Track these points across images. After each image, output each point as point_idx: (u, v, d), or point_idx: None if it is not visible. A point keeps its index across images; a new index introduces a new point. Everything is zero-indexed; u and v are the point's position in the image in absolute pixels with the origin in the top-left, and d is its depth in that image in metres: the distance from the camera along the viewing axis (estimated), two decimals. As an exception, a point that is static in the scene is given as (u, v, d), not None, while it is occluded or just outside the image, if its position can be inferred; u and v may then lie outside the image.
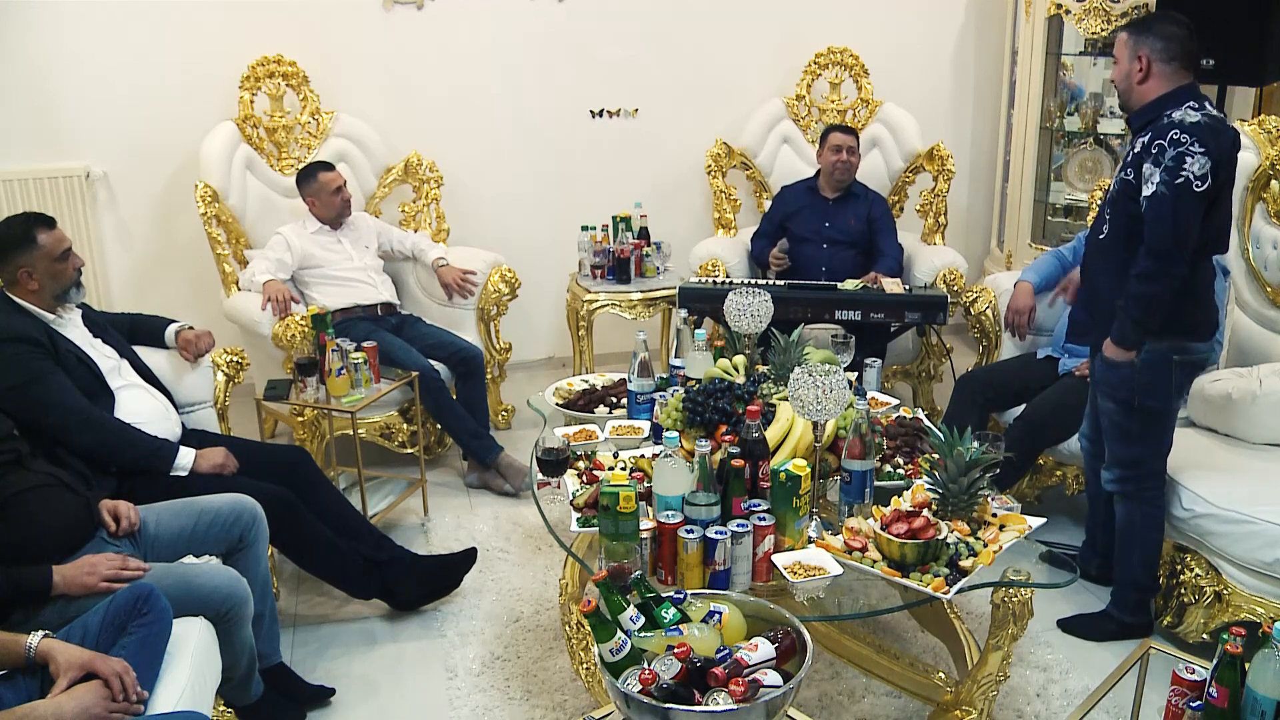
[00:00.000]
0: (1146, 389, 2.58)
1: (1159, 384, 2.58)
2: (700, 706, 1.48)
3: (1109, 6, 4.19)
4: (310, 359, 3.12)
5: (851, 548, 2.06)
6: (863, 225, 4.05)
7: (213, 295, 3.96)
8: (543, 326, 4.77)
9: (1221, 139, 2.42)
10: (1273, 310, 3.13)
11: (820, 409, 2.09)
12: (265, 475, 2.68)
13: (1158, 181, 2.39)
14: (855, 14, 4.67)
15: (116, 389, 2.62)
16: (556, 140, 4.58)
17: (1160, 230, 2.40)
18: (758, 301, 2.71)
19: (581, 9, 4.43)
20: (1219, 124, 2.44)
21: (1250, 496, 2.52)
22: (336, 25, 4.22)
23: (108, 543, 2.24)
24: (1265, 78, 3.69)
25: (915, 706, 2.47)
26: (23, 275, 2.51)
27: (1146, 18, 2.58)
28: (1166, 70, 2.48)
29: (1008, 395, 3.28)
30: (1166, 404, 2.62)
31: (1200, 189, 2.37)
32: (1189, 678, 1.71)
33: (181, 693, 1.92)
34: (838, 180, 4.03)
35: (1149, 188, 2.41)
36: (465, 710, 2.53)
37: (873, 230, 4.06)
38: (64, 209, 4.02)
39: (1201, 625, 2.63)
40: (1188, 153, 2.36)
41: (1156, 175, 2.39)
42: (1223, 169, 2.42)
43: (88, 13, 3.95)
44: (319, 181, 3.74)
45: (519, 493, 3.60)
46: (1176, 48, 2.48)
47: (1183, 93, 2.48)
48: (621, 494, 1.98)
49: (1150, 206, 2.41)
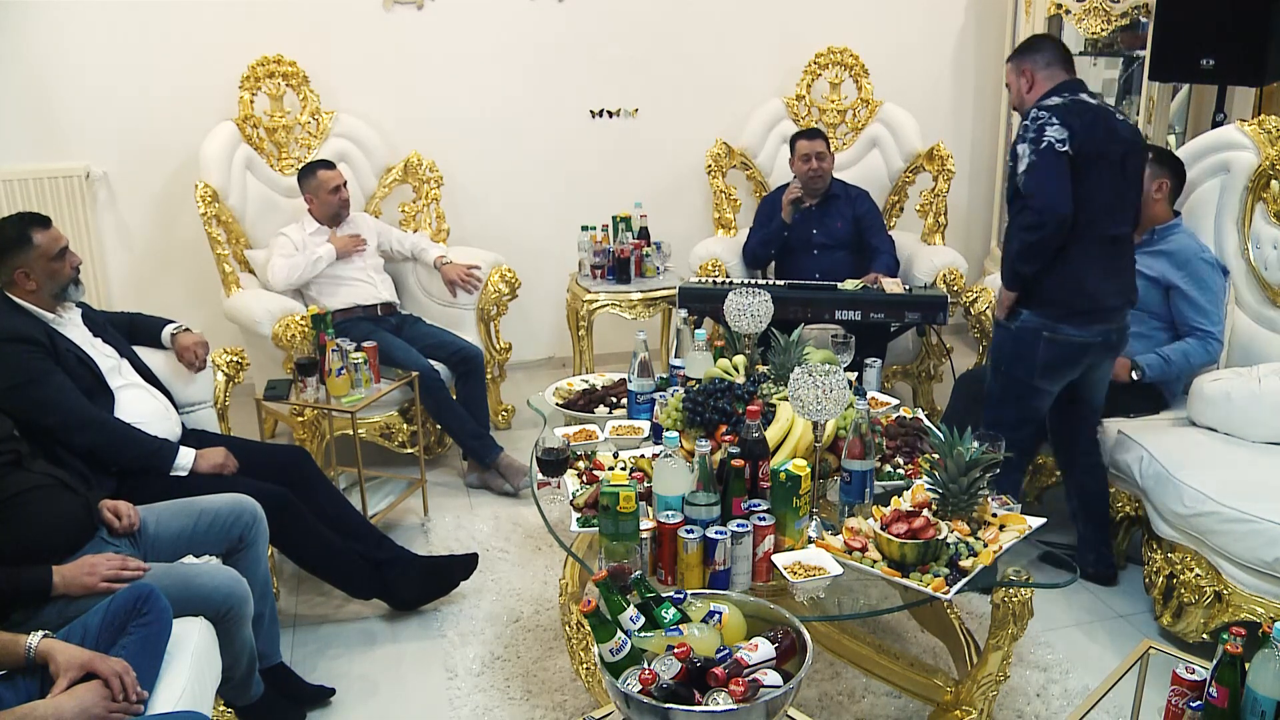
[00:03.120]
0: (1012, 357, 2.83)
1: (1024, 355, 2.80)
2: (700, 706, 1.48)
3: (1109, 6, 4.19)
4: (310, 359, 3.12)
5: (851, 548, 2.06)
6: (849, 225, 4.04)
7: (213, 295, 3.96)
8: (543, 326, 4.77)
9: (1081, 117, 2.66)
10: (1273, 310, 3.13)
11: (820, 409, 2.09)
12: (265, 475, 2.68)
13: (1028, 155, 2.65)
14: (855, 14, 4.67)
15: (116, 389, 2.61)
16: (556, 140, 4.58)
17: (1037, 189, 2.65)
18: (758, 301, 2.71)
19: (581, 9, 4.43)
20: (1082, 106, 2.69)
21: (1250, 495, 2.52)
22: (336, 25, 4.22)
23: (108, 543, 2.24)
24: (1265, 78, 3.69)
25: (915, 706, 2.47)
26: (19, 276, 2.51)
27: (1022, 43, 2.90)
28: (1046, 74, 2.78)
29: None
30: (1029, 378, 2.81)
31: (1060, 149, 2.62)
32: (1189, 678, 1.71)
33: (181, 693, 1.91)
34: (814, 188, 4.01)
35: (1023, 163, 2.67)
36: (465, 710, 2.53)
37: (861, 228, 4.05)
38: (64, 209, 4.02)
39: (1201, 625, 2.63)
40: (1047, 124, 2.64)
41: (1026, 149, 2.66)
42: (1085, 143, 2.64)
43: (88, 13, 3.95)
44: (318, 179, 3.75)
45: (519, 493, 3.60)
46: (1051, 55, 2.80)
47: (1058, 88, 2.75)
48: (621, 494, 1.98)
49: (1026, 177, 2.66)
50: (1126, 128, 2.77)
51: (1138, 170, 2.83)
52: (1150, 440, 2.86)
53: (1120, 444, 2.95)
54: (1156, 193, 3.12)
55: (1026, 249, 2.72)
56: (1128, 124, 2.79)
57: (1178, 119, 4.43)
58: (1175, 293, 3.07)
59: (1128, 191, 2.78)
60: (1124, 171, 2.74)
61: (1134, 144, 2.77)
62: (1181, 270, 3.06)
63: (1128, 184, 2.77)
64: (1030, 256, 2.72)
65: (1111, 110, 2.77)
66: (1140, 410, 3.07)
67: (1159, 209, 3.15)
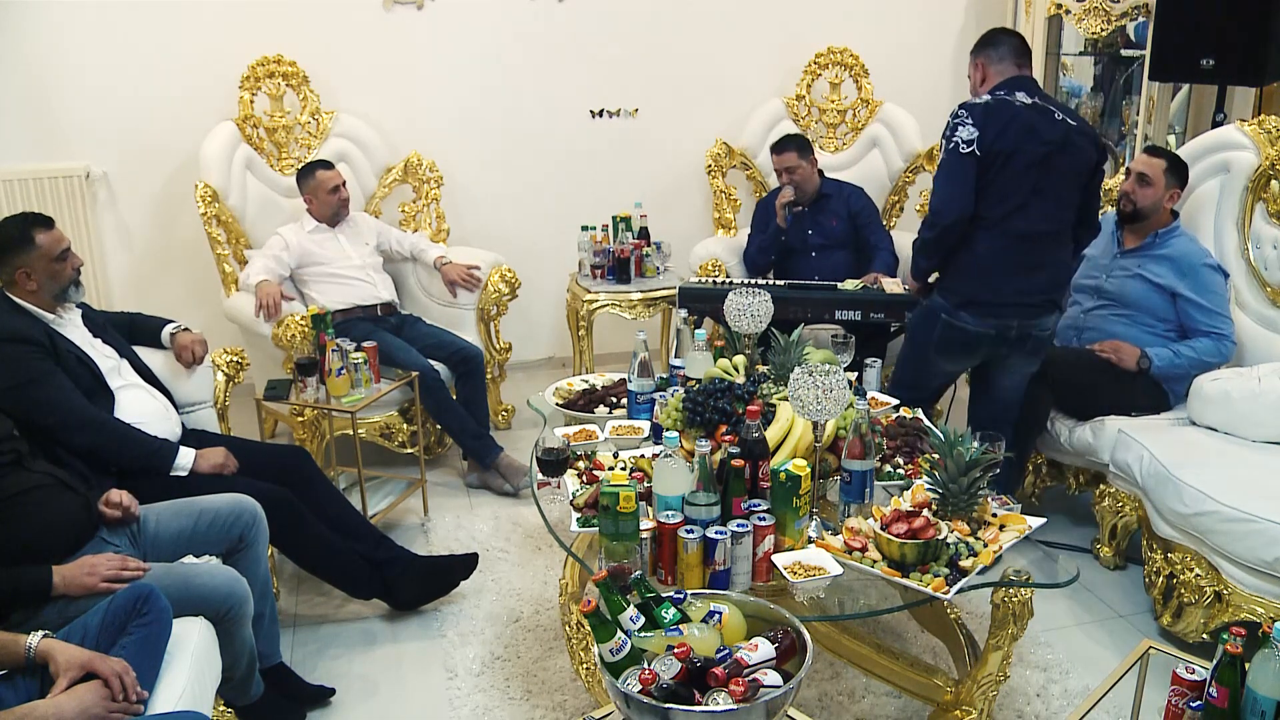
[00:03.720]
0: (915, 326, 3.11)
1: (924, 329, 3.02)
2: (700, 706, 1.48)
3: (1109, 6, 4.19)
4: (310, 359, 3.12)
5: (851, 548, 2.06)
6: (845, 223, 4.03)
7: (213, 295, 3.97)
8: (543, 326, 4.77)
9: (998, 117, 2.75)
10: (1273, 310, 3.13)
11: (820, 409, 2.09)
12: (265, 475, 2.68)
13: (941, 151, 2.83)
14: (855, 14, 4.67)
15: (116, 389, 2.61)
16: (556, 140, 4.58)
17: (936, 188, 2.86)
18: (758, 301, 2.71)
19: (581, 9, 4.43)
20: (1003, 105, 2.77)
21: (1250, 495, 2.52)
22: (336, 25, 4.22)
23: (108, 543, 2.24)
24: (1265, 78, 3.69)
25: (915, 706, 2.47)
26: (21, 276, 2.51)
27: (981, 36, 2.97)
28: (997, 69, 2.87)
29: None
30: (925, 351, 3.02)
31: (965, 151, 2.75)
32: (1189, 678, 1.70)
33: (181, 693, 1.91)
34: (804, 191, 4.00)
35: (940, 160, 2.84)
36: (465, 710, 2.53)
37: (858, 225, 4.04)
38: (64, 209, 4.02)
39: (1201, 625, 2.63)
40: (961, 123, 2.78)
41: (941, 147, 2.83)
42: (996, 142, 2.74)
43: (88, 13, 3.95)
44: (316, 179, 3.74)
45: (519, 493, 3.60)
46: (1005, 50, 2.87)
47: (1000, 85, 2.83)
48: (621, 494, 1.98)
49: (936, 172, 2.85)
50: (1059, 128, 2.77)
51: (1071, 169, 2.81)
52: (1150, 439, 2.86)
53: (1120, 443, 2.95)
54: (1169, 201, 3.15)
55: (923, 244, 2.96)
56: (1064, 124, 2.79)
57: (1178, 119, 4.43)
58: (1181, 299, 3.08)
59: (1051, 190, 2.79)
60: (1047, 171, 2.76)
61: (1064, 144, 2.77)
62: (1186, 278, 3.07)
63: (1052, 183, 2.78)
64: (924, 251, 2.97)
65: (1049, 110, 2.79)
66: (1141, 409, 3.07)
67: (1164, 214, 3.16)
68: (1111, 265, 3.24)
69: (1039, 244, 2.83)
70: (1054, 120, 2.78)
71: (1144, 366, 3.05)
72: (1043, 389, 3.09)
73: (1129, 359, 3.05)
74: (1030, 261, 2.84)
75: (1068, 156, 2.79)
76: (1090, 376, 3.09)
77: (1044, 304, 2.89)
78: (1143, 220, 3.17)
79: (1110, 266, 3.24)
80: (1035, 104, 2.79)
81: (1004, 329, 2.87)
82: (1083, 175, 2.86)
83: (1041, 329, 2.93)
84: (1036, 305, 2.88)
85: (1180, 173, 3.16)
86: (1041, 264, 2.86)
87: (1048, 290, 2.89)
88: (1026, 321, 2.88)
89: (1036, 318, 2.89)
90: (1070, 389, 3.09)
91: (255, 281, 3.58)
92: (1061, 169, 2.79)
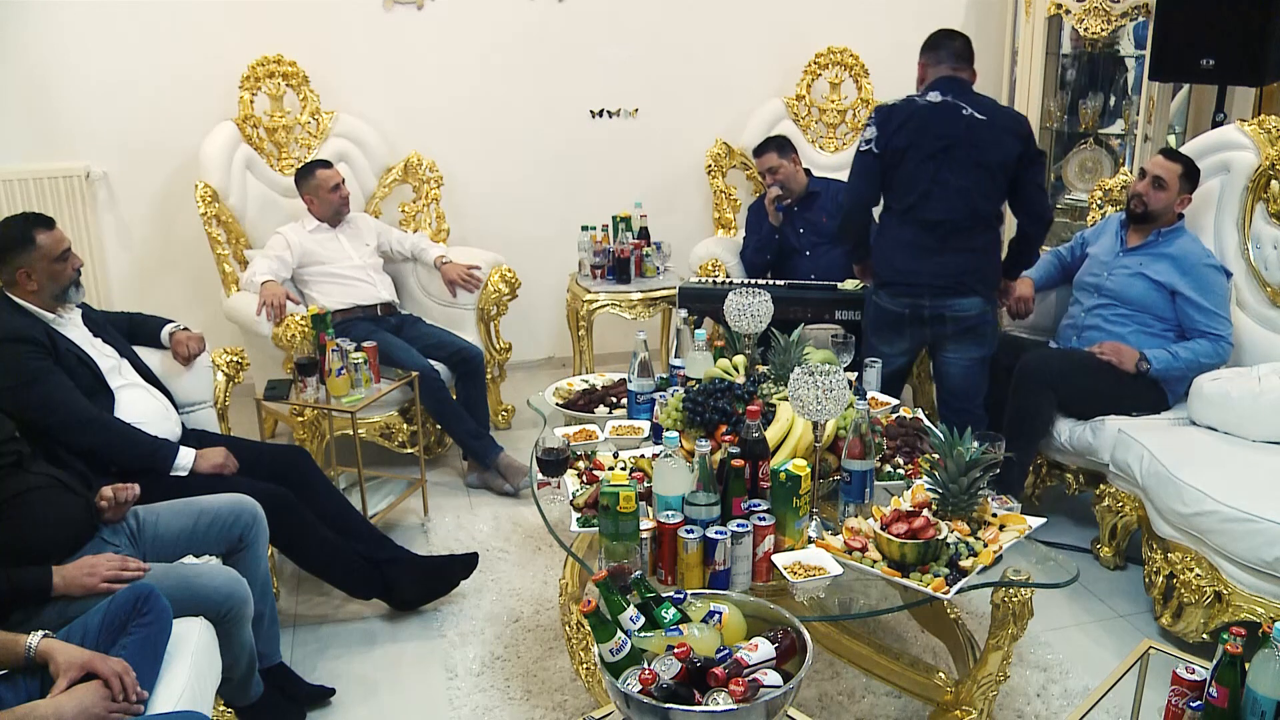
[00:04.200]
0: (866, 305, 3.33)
1: (866, 307, 3.30)
2: (700, 706, 1.48)
3: (1109, 6, 4.19)
4: (310, 359, 3.12)
5: (851, 548, 2.06)
6: (836, 219, 4.03)
7: (213, 295, 3.97)
8: (543, 326, 4.77)
9: (896, 116, 3.02)
10: (1273, 310, 3.13)
11: (820, 409, 2.09)
12: (265, 475, 2.68)
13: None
14: (855, 14, 4.67)
15: (116, 389, 2.61)
16: (556, 140, 4.58)
17: (847, 182, 3.21)
18: (758, 301, 2.71)
19: (581, 9, 4.43)
20: (908, 104, 3.03)
21: (1250, 494, 2.52)
22: (336, 25, 4.22)
23: (108, 543, 2.24)
24: (1265, 78, 3.69)
25: (915, 706, 2.47)
26: (21, 276, 2.51)
27: (927, 38, 3.15)
28: (934, 71, 3.08)
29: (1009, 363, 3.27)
30: (866, 332, 3.28)
31: (864, 149, 3.07)
32: (1189, 678, 1.71)
33: (181, 693, 1.91)
34: (788, 191, 4.01)
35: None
36: (465, 710, 2.53)
37: None
38: (64, 209, 4.02)
39: (1201, 625, 2.63)
40: (869, 123, 3.08)
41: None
42: (894, 139, 3.00)
43: (88, 13, 3.95)
44: (317, 179, 3.74)
45: (519, 493, 3.60)
46: (944, 53, 3.08)
47: (930, 84, 3.06)
48: (621, 494, 1.98)
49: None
50: (961, 123, 2.96)
51: (975, 161, 2.96)
52: (1150, 439, 2.86)
53: (1120, 443, 2.95)
54: (1180, 206, 3.17)
55: (837, 230, 3.50)
56: (970, 119, 2.96)
57: (1178, 119, 4.43)
58: (1180, 298, 3.08)
59: (953, 181, 2.97)
60: (947, 163, 2.97)
61: (965, 138, 2.95)
62: (1186, 276, 3.07)
63: (954, 173, 2.97)
64: (837, 238, 3.60)
65: (957, 106, 2.98)
66: (1141, 409, 3.07)
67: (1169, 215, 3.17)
68: (1114, 264, 3.24)
69: (944, 230, 3.02)
70: (958, 116, 2.97)
71: (1143, 369, 3.05)
72: (1046, 394, 3.09)
73: (1128, 361, 3.05)
74: (937, 246, 3.03)
75: (971, 149, 2.96)
76: (1090, 378, 3.09)
77: (956, 286, 3.04)
78: (1151, 221, 3.18)
79: (1112, 265, 3.24)
80: (943, 102, 2.99)
81: (917, 308, 3.08)
82: (995, 167, 2.99)
83: (958, 310, 3.06)
84: (948, 287, 3.04)
85: (1193, 178, 3.17)
86: (950, 248, 3.03)
87: (959, 274, 3.03)
88: (938, 301, 3.05)
89: (948, 298, 3.05)
90: (1070, 390, 3.10)
91: (260, 280, 3.58)
92: (963, 161, 2.97)
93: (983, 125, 2.97)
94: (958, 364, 3.16)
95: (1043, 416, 3.13)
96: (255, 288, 3.59)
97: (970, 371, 3.15)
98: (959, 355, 3.14)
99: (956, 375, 3.17)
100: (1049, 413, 3.14)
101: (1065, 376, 3.10)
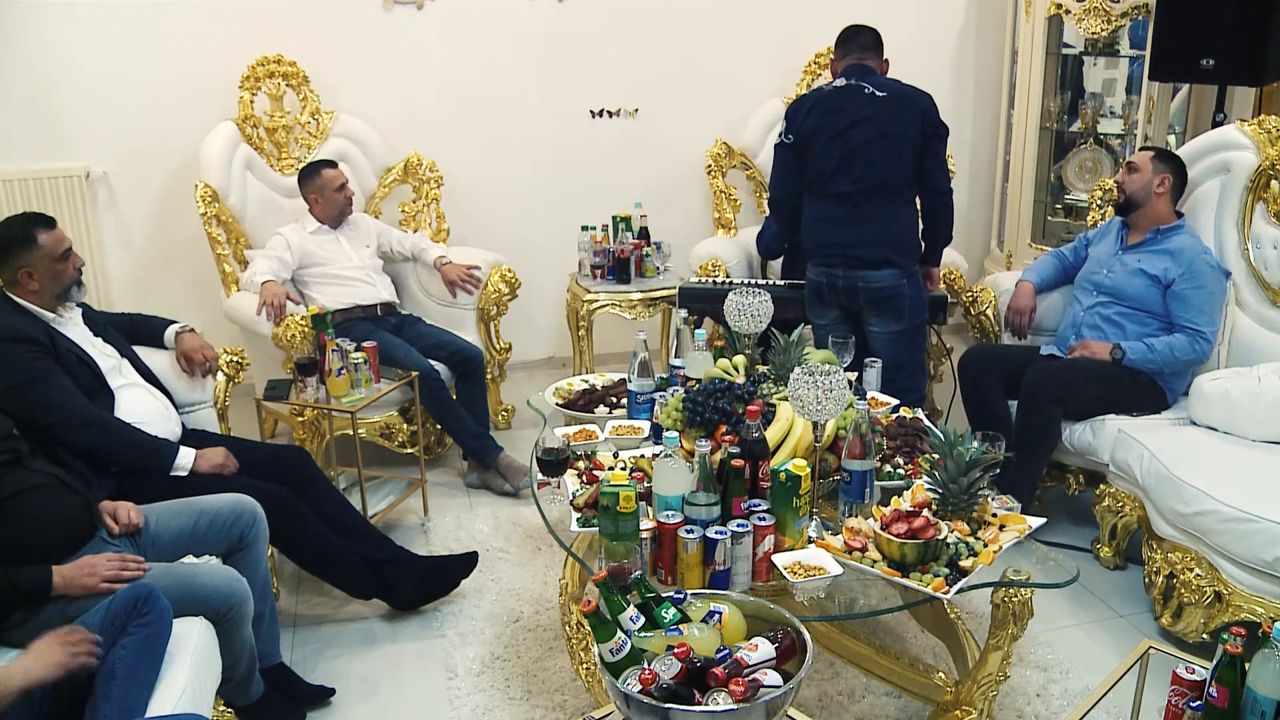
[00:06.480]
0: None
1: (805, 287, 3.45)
2: (700, 706, 1.48)
3: (1109, 6, 4.19)
4: (310, 359, 3.12)
5: (851, 548, 2.06)
6: None
7: (213, 295, 3.97)
8: (543, 326, 4.77)
9: (803, 103, 3.29)
10: (1273, 310, 3.13)
11: (820, 409, 2.09)
12: (265, 475, 2.68)
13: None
14: (855, 14, 4.64)
15: (116, 388, 2.61)
16: (556, 140, 4.58)
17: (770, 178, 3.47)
18: (758, 301, 2.71)
19: (581, 9, 4.43)
20: (813, 94, 3.29)
21: (1250, 494, 2.52)
22: (336, 25, 4.22)
23: (108, 543, 2.24)
24: (1265, 78, 3.69)
25: (915, 706, 2.47)
26: (23, 275, 2.51)
27: (838, 36, 3.37)
28: (842, 64, 3.31)
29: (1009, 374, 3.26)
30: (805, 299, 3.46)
31: (778, 143, 3.34)
32: (1189, 678, 1.71)
33: (181, 693, 1.92)
34: None
35: None
36: (465, 710, 2.53)
37: None
38: (64, 209, 4.02)
39: (1201, 625, 2.63)
40: (783, 117, 3.33)
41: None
42: (802, 126, 3.24)
43: (88, 13, 3.95)
44: (322, 178, 3.74)
45: (519, 493, 3.60)
46: (850, 47, 3.31)
47: (839, 74, 3.29)
48: (621, 494, 1.98)
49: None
50: (863, 102, 3.16)
51: (880, 134, 3.15)
52: (1150, 439, 2.86)
53: (1120, 443, 2.95)
54: (1159, 188, 3.14)
55: (768, 220, 3.85)
56: (871, 98, 3.17)
57: (1178, 119, 4.43)
58: (1171, 291, 3.08)
59: (861, 155, 3.16)
60: (852, 139, 3.16)
61: (870, 115, 3.15)
62: (1182, 270, 3.07)
63: (859, 149, 3.16)
64: (770, 225, 3.85)
65: (860, 87, 3.18)
66: (1141, 409, 3.07)
67: (1161, 206, 3.16)
68: (1112, 261, 3.24)
69: (855, 199, 3.20)
70: (861, 94, 3.18)
71: (1116, 358, 3.06)
72: (1053, 408, 3.09)
73: (1101, 352, 3.07)
74: (851, 217, 3.20)
75: (874, 125, 3.15)
76: (1095, 386, 3.08)
77: (869, 257, 3.20)
78: (1136, 209, 3.18)
79: (1111, 262, 3.24)
80: (847, 85, 3.21)
81: (833, 278, 3.27)
82: (899, 138, 3.16)
83: (870, 281, 3.22)
84: (860, 259, 3.21)
85: (1168, 160, 3.17)
86: (863, 217, 3.20)
87: (874, 244, 3.19)
88: (851, 272, 3.23)
89: (859, 269, 3.21)
90: (1078, 401, 3.09)
91: (260, 280, 3.58)
92: (868, 133, 3.16)
93: (884, 100, 3.17)
94: (879, 337, 3.30)
95: (1052, 431, 3.12)
96: (255, 288, 3.59)
97: (893, 343, 3.28)
98: (880, 328, 3.30)
99: (879, 347, 3.27)
100: (1058, 427, 3.13)
101: (1071, 387, 3.08)
